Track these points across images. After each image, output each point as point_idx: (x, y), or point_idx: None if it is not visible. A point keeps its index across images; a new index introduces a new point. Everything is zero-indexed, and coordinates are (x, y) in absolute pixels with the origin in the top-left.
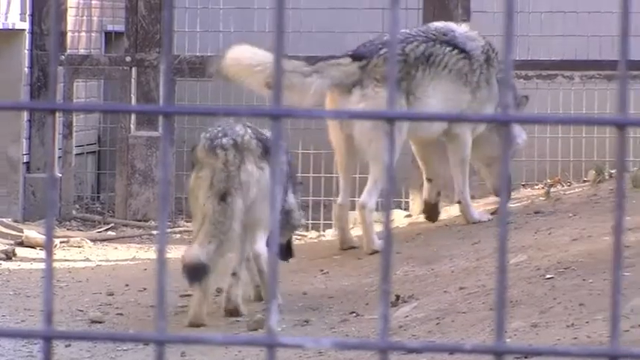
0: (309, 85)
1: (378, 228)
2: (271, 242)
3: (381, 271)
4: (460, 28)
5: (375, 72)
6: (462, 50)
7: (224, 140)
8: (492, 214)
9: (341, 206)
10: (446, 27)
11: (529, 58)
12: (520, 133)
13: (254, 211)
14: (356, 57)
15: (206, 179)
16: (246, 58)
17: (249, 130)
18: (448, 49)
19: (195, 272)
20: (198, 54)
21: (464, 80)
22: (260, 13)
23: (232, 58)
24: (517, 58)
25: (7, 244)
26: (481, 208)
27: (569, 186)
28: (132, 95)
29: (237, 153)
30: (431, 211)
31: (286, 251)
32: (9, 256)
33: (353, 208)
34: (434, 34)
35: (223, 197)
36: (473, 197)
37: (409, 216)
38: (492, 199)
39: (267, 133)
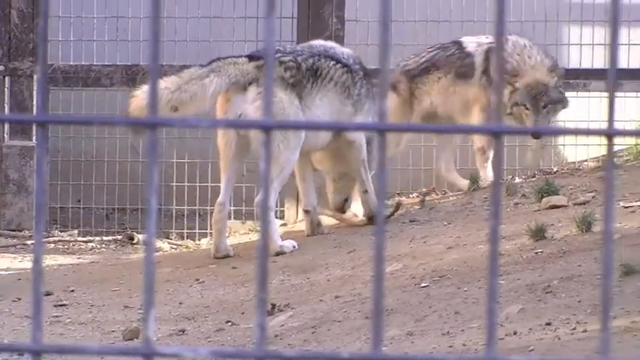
0: (209, 86)
1: (255, 236)
2: (148, 251)
3: (257, 280)
4: (337, 45)
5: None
6: (345, 65)
7: None
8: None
9: (221, 205)
10: (325, 44)
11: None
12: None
13: None
14: (252, 57)
15: None
16: (143, 99)
17: None
18: (332, 62)
19: None
20: (72, 63)
21: (347, 93)
22: (134, 22)
23: (135, 108)
24: (392, 67)
25: None
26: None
27: (443, 195)
28: (5, 105)
29: None
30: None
31: None
32: None
33: (229, 217)
34: (318, 50)
35: None
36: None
37: (284, 225)
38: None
39: None
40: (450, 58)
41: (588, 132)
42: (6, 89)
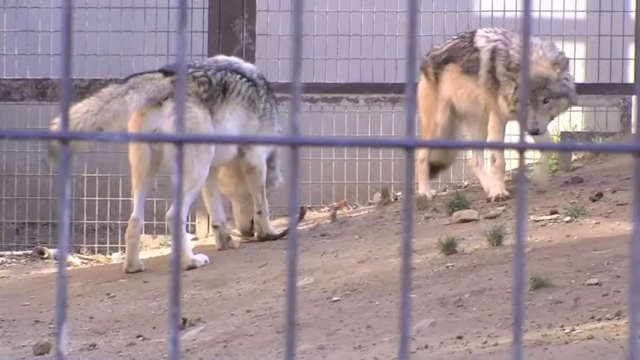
0: (129, 103)
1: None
2: (60, 262)
3: (170, 294)
4: (241, 60)
5: (186, 87)
6: (250, 79)
7: None
8: (282, 235)
9: (135, 221)
10: (229, 59)
11: (314, 81)
12: (279, 175)
13: None
14: (167, 72)
15: None
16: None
17: None
18: (238, 76)
19: None
20: None
21: (253, 107)
22: (44, 35)
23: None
24: (303, 81)
25: None
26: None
27: (355, 208)
28: None
29: None
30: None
31: None
32: None
33: (141, 232)
34: (223, 65)
35: None
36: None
37: (196, 239)
38: (278, 221)
39: None
40: (461, 50)
41: (500, 146)
42: None
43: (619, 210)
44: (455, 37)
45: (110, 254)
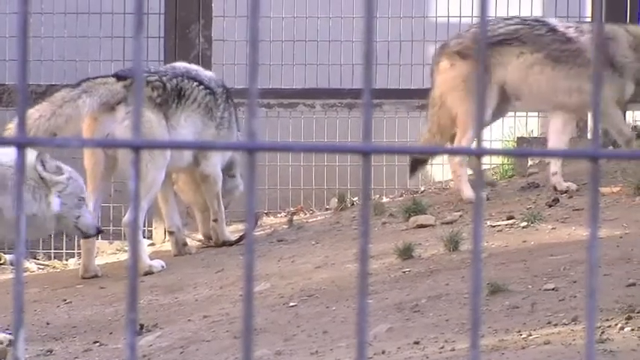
0: (82, 107)
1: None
2: (17, 269)
3: (127, 300)
4: (201, 68)
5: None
6: (207, 87)
7: None
8: (238, 240)
9: None
10: (188, 66)
11: (271, 87)
12: (240, 184)
13: None
14: (120, 77)
15: None
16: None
17: None
18: (195, 84)
19: None
20: None
21: (210, 115)
22: (0, 41)
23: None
24: (259, 87)
25: None
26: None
27: (311, 214)
28: None
29: None
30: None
31: None
32: None
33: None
34: (180, 71)
35: None
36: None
37: (152, 244)
38: (235, 227)
39: None
40: (540, 37)
41: (457, 151)
42: None
43: (575, 215)
44: (510, 22)
45: (67, 260)
